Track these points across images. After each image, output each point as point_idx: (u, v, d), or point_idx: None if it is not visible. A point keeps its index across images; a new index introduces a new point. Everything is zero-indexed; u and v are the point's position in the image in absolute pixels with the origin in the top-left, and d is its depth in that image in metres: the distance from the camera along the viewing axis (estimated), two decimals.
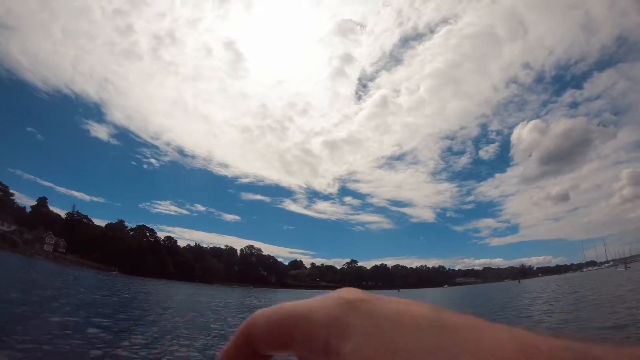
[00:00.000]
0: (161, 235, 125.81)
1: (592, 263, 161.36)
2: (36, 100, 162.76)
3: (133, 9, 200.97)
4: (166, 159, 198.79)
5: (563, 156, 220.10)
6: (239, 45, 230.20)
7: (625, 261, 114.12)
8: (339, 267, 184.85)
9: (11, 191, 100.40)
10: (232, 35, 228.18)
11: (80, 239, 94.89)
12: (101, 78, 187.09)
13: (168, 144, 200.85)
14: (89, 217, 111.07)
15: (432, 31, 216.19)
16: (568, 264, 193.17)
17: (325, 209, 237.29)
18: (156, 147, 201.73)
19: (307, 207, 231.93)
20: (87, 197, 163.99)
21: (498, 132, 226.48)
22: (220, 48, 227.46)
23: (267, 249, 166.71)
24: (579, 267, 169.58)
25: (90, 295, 27.59)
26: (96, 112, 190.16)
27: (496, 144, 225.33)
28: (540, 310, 18.71)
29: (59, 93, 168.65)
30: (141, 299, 30.14)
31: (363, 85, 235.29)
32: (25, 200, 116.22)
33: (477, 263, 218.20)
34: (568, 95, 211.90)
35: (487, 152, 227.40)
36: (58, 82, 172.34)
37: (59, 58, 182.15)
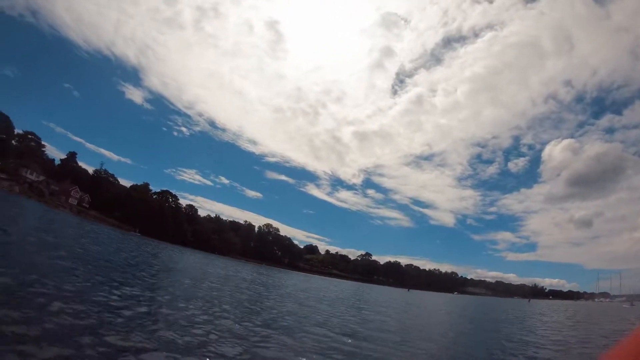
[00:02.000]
0: (183, 202, 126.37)
1: (605, 294, 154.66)
2: (76, 58, 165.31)
3: None
4: (197, 129, 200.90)
5: (592, 180, 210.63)
6: (281, 26, 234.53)
7: (632, 299, 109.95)
8: (352, 258, 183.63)
9: (43, 142, 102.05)
10: (276, 15, 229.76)
11: (104, 197, 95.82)
12: (142, 43, 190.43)
13: (200, 115, 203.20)
14: (115, 176, 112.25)
15: (476, 35, 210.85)
16: (581, 291, 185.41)
17: (347, 198, 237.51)
18: (188, 116, 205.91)
19: (329, 194, 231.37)
20: (115, 157, 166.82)
21: (530, 147, 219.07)
22: (262, 26, 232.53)
23: (285, 230, 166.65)
24: (591, 296, 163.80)
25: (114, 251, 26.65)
26: (133, 75, 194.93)
27: (526, 158, 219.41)
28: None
29: (99, 53, 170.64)
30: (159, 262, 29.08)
31: (400, 81, 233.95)
32: (55, 153, 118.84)
33: (490, 275, 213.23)
34: (606, 120, 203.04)
35: (517, 165, 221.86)
36: (99, 42, 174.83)
37: (102, 20, 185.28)
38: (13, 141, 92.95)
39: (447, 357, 11.38)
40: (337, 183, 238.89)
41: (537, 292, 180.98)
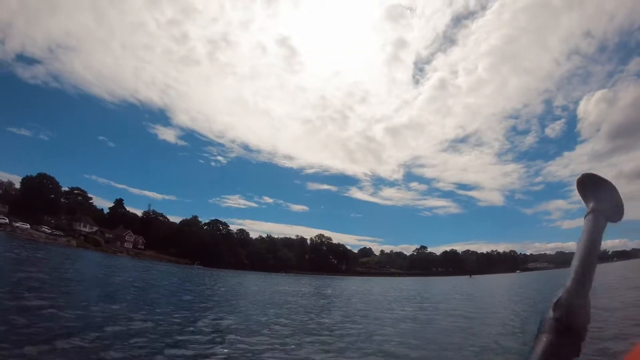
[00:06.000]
0: (233, 228, 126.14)
1: None
2: (104, 111, 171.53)
3: (186, 18, 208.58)
4: (232, 155, 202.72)
5: (635, 128, 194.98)
6: (292, 41, 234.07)
7: None
8: (408, 254, 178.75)
9: (89, 195, 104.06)
10: (284, 32, 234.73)
11: (157, 235, 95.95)
12: (163, 85, 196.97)
13: (233, 141, 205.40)
14: (164, 214, 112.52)
15: (483, 7, 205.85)
16: None
17: (391, 196, 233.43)
18: (222, 144, 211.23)
19: (373, 194, 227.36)
20: (159, 196, 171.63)
21: (563, 108, 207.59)
22: (273, 45, 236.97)
23: (336, 238, 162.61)
24: None
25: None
26: (161, 116, 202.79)
27: (562, 120, 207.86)
28: None
29: (125, 102, 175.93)
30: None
31: (419, 69, 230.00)
32: (102, 203, 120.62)
33: (549, 247, 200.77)
34: (635, 63, 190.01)
35: (554, 129, 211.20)
36: (123, 92, 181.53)
37: (121, 70, 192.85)
38: (62, 199, 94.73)
39: None
40: (379, 182, 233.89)
41: (600, 257, 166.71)
